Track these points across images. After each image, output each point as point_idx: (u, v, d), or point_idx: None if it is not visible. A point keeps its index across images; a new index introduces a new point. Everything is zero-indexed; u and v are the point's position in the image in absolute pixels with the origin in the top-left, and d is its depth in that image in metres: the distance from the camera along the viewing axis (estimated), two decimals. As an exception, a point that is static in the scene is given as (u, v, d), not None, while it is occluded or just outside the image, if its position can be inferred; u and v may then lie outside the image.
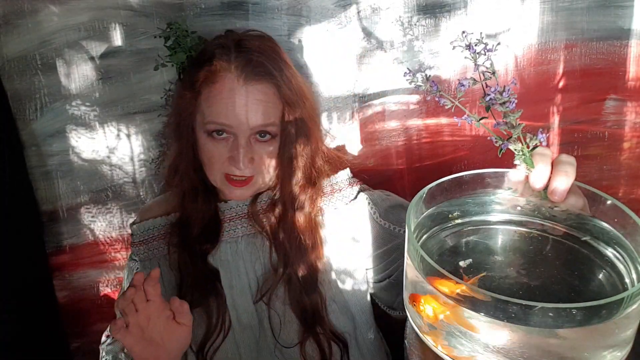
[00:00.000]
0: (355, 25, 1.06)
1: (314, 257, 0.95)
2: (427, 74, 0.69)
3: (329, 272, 0.97)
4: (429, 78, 0.69)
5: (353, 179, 1.02)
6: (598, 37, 1.06)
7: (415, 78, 0.69)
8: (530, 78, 1.08)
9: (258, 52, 0.89)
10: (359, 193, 1.00)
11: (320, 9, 1.05)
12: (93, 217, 1.18)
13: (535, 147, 0.66)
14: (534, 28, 1.05)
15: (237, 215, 0.98)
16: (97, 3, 1.03)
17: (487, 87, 0.66)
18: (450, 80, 1.08)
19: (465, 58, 0.66)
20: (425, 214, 0.68)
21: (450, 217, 0.69)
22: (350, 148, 1.14)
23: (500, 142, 0.67)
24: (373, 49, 1.07)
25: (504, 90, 0.65)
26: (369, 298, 1.02)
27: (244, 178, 0.91)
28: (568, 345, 0.53)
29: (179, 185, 0.98)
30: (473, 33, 0.66)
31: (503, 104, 0.65)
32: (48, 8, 1.03)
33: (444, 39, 1.06)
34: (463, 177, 0.70)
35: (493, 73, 0.66)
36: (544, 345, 0.53)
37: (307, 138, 0.93)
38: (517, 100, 0.65)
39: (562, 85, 1.09)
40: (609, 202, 0.63)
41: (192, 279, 0.96)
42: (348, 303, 0.98)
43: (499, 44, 0.66)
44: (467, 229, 0.68)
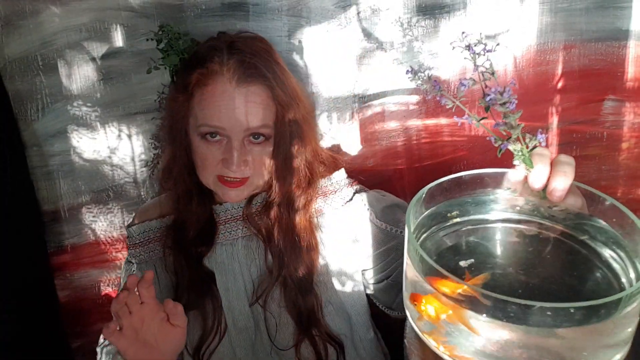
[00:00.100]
0: (355, 26, 1.06)
1: (310, 258, 0.94)
2: (428, 74, 0.69)
3: (325, 273, 0.97)
4: (431, 77, 0.69)
5: (348, 180, 1.01)
6: (597, 38, 1.06)
7: (417, 77, 0.69)
8: (529, 79, 1.08)
9: (251, 53, 0.88)
10: (355, 194, 0.99)
11: (320, 10, 1.05)
12: (94, 217, 1.18)
13: (535, 147, 0.66)
14: (533, 29, 1.05)
15: (232, 218, 0.98)
16: (98, 4, 1.04)
17: (486, 87, 0.66)
18: (450, 81, 1.08)
19: (465, 59, 0.66)
20: (425, 214, 0.69)
21: (450, 216, 0.69)
22: (349, 148, 1.14)
23: (500, 142, 0.67)
24: (373, 50, 1.07)
25: (505, 91, 0.65)
26: (366, 299, 1.02)
27: (239, 179, 0.90)
28: (567, 345, 0.53)
29: (173, 188, 0.98)
30: (472, 34, 0.66)
31: (503, 105, 0.65)
32: (49, 9, 1.03)
33: (444, 40, 1.06)
34: (462, 177, 0.70)
35: (492, 74, 0.66)
36: (543, 345, 0.53)
37: (301, 139, 0.92)
38: (517, 101, 0.65)
39: (560, 86, 1.09)
40: (608, 202, 0.64)
41: (187, 282, 0.96)
42: (344, 304, 0.98)
43: (498, 45, 0.67)
44: (466, 229, 0.69)
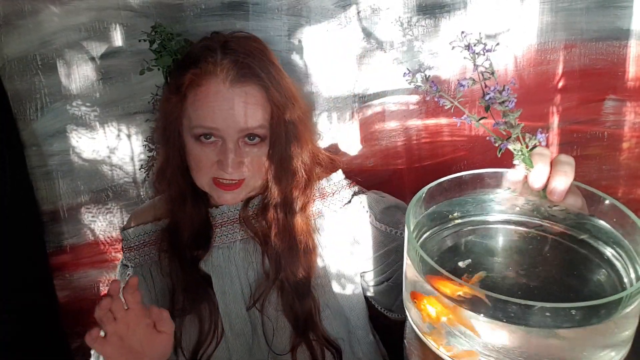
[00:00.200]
0: (355, 26, 1.06)
1: (308, 261, 0.93)
2: (426, 74, 0.69)
3: (324, 276, 0.96)
4: (429, 78, 0.69)
5: (347, 181, 1.00)
6: (597, 37, 1.06)
7: (415, 78, 0.69)
8: (530, 78, 1.08)
9: (245, 53, 0.86)
10: (354, 196, 0.98)
11: (320, 10, 1.05)
12: (93, 217, 1.18)
13: (535, 147, 0.66)
14: (534, 28, 1.05)
15: (228, 220, 0.96)
16: (97, 4, 1.04)
17: (486, 87, 0.66)
18: (450, 81, 1.08)
19: (465, 58, 0.66)
20: (425, 214, 0.68)
21: (450, 217, 0.69)
22: (349, 148, 1.14)
23: (500, 142, 0.67)
24: (373, 49, 1.07)
25: (504, 89, 0.65)
26: (365, 301, 1.01)
27: (234, 181, 0.89)
28: (567, 345, 0.53)
29: (167, 191, 0.96)
30: (472, 33, 0.66)
31: (502, 103, 0.65)
32: (48, 8, 1.03)
33: (444, 40, 1.06)
34: (462, 177, 0.70)
35: (492, 73, 0.66)
36: (543, 345, 0.53)
37: (297, 140, 0.91)
38: (516, 100, 0.65)
39: (561, 86, 1.09)
40: (608, 201, 0.64)
41: (183, 285, 0.95)
42: (343, 307, 0.97)
43: (498, 45, 0.66)
44: (466, 229, 0.68)
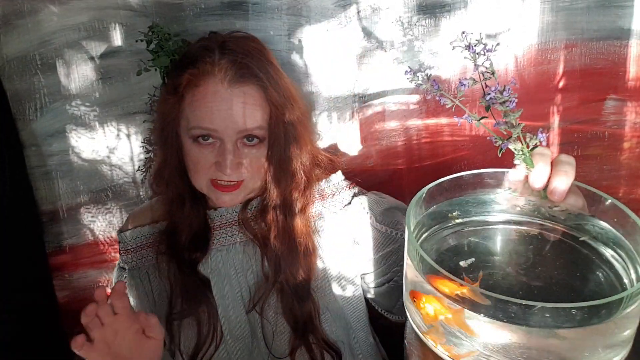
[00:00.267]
0: (355, 25, 1.05)
1: (307, 263, 0.92)
2: (428, 73, 0.69)
3: (323, 278, 0.95)
4: (430, 77, 0.69)
5: (346, 182, 0.99)
6: (598, 37, 1.06)
7: (416, 77, 0.69)
8: (530, 78, 1.08)
9: (243, 53, 0.85)
10: (354, 197, 0.98)
11: (320, 9, 1.04)
12: (93, 217, 1.18)
13: (535, 146, 0.66)
14: (534, 28, 1.05)
15: (227, 223, 0.95)
16: (96, 3, 1.03)
17: (486, 87, 0.66)
18: (450, 80, 1.08)
19: (465, 58, 0.66)
20: (425, 214, 0.68)
21: (450, 217, 0.69)
22: (349, 148, 1.14)
23: (500, 141, 0.67)
24: (373, 49, 1.07)
25: (504, 90, 0.65)
26: (365, 303, 1.00)
27: (233, 183, 0.88)
28: (568, 345, 0.53)
29: (165, 193, 0.95)
30: (473, 33, 0.66)
31: (503, 103, 0.65)
32: (48, 8, 1.03)
33: (444, 39, 1.06)
34: (463, 177, 0.70)
35: (492, 73, 0.66)
36: (544, 345, 0.53)
37: (296, 141, 0.90)
38: (517, 100, 0.65)
39: (562, 85, 1.08)
40: (609, 201, 0.64)
41: (182, 289, 0.94)
42: (343, 310, 0.96)
43: (498, 44, 0.66)
44: (466, 229, 0.69)
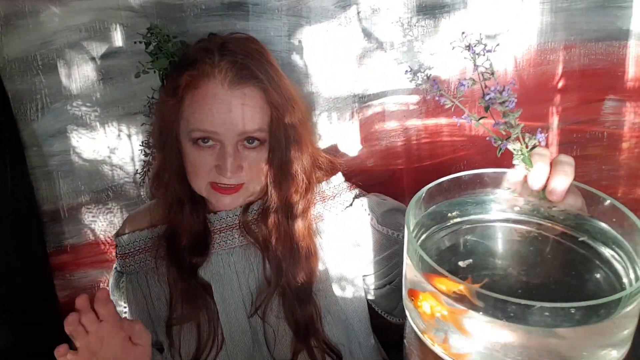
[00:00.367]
0: (355, 26, 1.06)
1: (309, 266, 0.91)
2: (427, 74, 0.69)
3: (325, 281, 0.94)
4: (430, 77, 0.69)
5: (347, 184, 0.99)
6: (597, 37, 1.06)
7: (416, 77, 0.69)
8: (530, 78, 1.08)
9: (243, 54, 0.85)
10: (355, 199, 0.97)
11: (321, 10, 1.05)
12: (94, 217, 1.18)
13: (534, 147, 0.66)
14: (533, 29, 1.05)
15: (227, 226, 0.95)
16: (97, 4, 1.04)
17: (486, 87, 0.66)
18: (450, 81, 1.08)
19: (465, 59, 0.66)
20: (425, 214, 0.69)
21: (450, 217, 0.69)
22: (349, 148, 1.14)
23: (499, 142, 0.67)
24: (373, 50, 1.07)
25: (504, 90, 0.65)
26: (366, 305, 1.00)
27: (233, 185, 0.87)
28: (567, 345, 0.53)
29: (164, 196, 0.94)
30: (472, 34, 0.66)
31: (502, 103, 0.65)
32: (49, 9, 1.03)
33: (444, 40, 1.06)
34: (462, 177, 0.70)
35: (492, 74, 0.66)
36: (543, 345, 0.53)
37: (297, 143, 0.89)
38: (516, 100, 0.65)
39: (561, 86, 1.09)
40: (608, 202, 0.64)
41: (182, 293, 0.93)
42: (344, 312, 0.96)
43: (498, 45, 0.67)
44: (466, 229, 0.69)
